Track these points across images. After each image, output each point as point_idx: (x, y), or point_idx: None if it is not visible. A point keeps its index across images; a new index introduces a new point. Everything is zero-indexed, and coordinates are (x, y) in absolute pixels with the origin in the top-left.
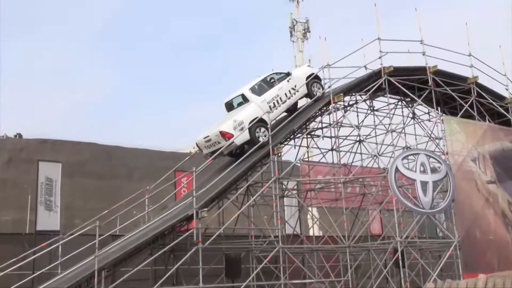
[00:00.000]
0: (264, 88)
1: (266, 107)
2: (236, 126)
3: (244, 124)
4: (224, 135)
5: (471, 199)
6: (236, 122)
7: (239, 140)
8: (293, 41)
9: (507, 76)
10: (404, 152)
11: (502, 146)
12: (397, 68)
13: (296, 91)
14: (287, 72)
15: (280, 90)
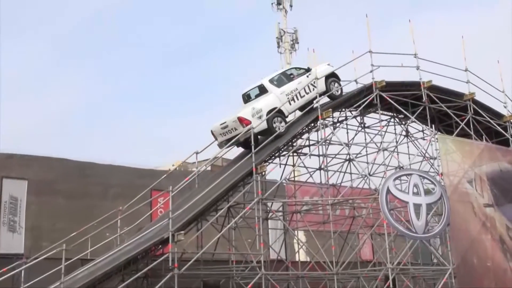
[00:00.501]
0: (283, 81)
1: (284, 99)
2: (254, 113)
3: (262, 113)
4: (242, 121)
5: (467, 223)
6: (254, 110)
7: (256, 127)
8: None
9: (505, 93)
10: (396, 172)
11: (500, 167)
12: (389, 82)
13: (314, 87)
14: (307, 67)
15: (299, 85)
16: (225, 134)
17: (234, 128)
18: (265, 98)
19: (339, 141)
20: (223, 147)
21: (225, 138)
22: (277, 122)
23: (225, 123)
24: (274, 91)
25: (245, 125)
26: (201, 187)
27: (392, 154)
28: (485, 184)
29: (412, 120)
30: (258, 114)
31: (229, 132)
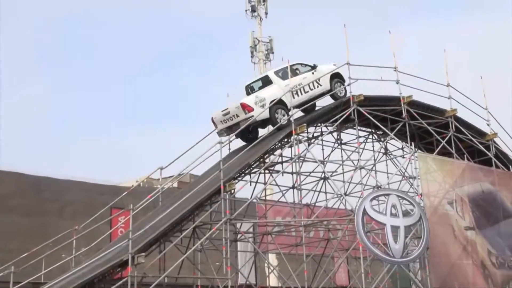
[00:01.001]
0: (288, 74)
1: (288, 93)
2: (257, 101)
3: (265, 102)
4: (244, 107)
5: (448, 247)
6: (258, 98)
7: (257, 113)
8: (254, 62)
9: (488, 110)
10: (374, 192)
11: (482, 188)
12: (368, 97)
13: (319, 84)
14: (313, 65)
15: (304, 80)
16: (226, 121)
17: (236, 115)
18: (269, 88)
19: (314, 158)
20: (222, 135)
21: (226, 125)
22: (280, 114)
23: (227, 109)
24: (278, 83)
25: (247, 112)
26: (165, 205)
27: (369, 173)
28: (466, 206)
29: (391, 137)
30: (261, 103)
31: (230, 119)
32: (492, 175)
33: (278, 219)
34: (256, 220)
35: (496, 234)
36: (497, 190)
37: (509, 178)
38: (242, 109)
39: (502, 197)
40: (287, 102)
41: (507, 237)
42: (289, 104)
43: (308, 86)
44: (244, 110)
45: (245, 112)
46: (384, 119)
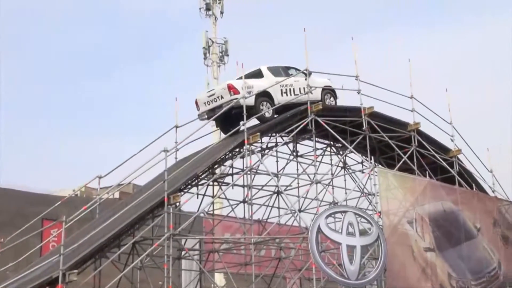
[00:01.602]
0: (280, 73)
1: (277, 88)
2: (244, 87)
3: (253, 89)
4: (230, 89)
5: (406, 269)
6: (246, 84)
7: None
8: (207, 65)
9: (453, 125)
10: (330, 208)
11: (444, 207)
12: (326, 107)
13: (310, 92)
14: (307, 72)
15: (295, 82)
16: (210, 102)
17: (220, 96)
18: (259, 80)
19: (267, 171)
20: (202, 118)
21: (209, 107)
22: (265, 106)
23: (212, 90)
24: (269, 78)
25: (232, 94)
26: (102, 217)
27: (326, 188)
28: (427, 226)
29: (350, 150)
30: (248, 89)
31: (214, 100)
32: (455, 194)
33: (227, 236)
34: (202, 236)
35: (457, 257)
36: (459, 210)
37: (472, 197)
38: (228, 90)
39: (465, 217)
40: (275, 98)
41: (469, 260)
42: (276, 100)
43: (299, 89)
44: (229, 91)
45: (231, 93)
46: (344, 131)
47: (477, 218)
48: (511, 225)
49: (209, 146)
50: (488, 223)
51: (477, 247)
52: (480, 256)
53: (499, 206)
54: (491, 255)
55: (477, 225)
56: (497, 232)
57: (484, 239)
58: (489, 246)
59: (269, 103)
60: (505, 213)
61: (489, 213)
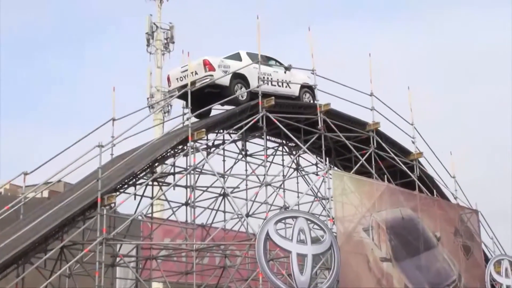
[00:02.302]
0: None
1: (255, 75)
2: (221, 65)
3: (229, 69)
4: (206, 64)
5: (361, 280)
6: (223, 63)
7: (217, 76)
8: (151, 52)
9: (415, 126)
10: (279, 213)
11: (402, 214)
12: (279, 102)
13: (288, 86)
14: (288, 65)
15: (274, 73)
16: (182, 78)
17: (194, 72)
18: (236, 62)
19: (213, 171)
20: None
21: (181, 83)
22: (239, 88)
23: (187, 66)
24: (247, 62)
25: (207, 70)
26: (27, 219)
27: (277, 191)
28: (384, 234)
29: (304, 151)
30: (225, 69)
31: (187, 76)
32: (415, 200)
33: (167, 241)
34: (139, 241)
35: (416, 267)
36: (419, 217)
37: (432, 204)
38: (203, 66)
39: (424, 225)
40: (251, 83)
41: (427, 271)
42: (251, 86)
43: (277, 81)
44: (204, 67)
45: (205, 69)
46: (298, 129)
47: (437, 227)
48: (473, 235)
49: (149, 142)
50: (448, 232)
51: (437, 258)
52: (439, 267)
53: (461, 214)
54: (451, 266)
55: (437, 234)
56: (458, 242)
57: (444, 249)
58: (449, 256)
59: (245, 87)
60: (467, 222)
61: (450, 222)
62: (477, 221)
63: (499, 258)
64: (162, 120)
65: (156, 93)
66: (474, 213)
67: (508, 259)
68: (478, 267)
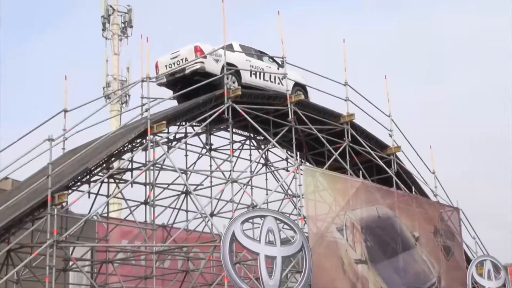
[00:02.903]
0: (252, 55)
1: (247, 66)
2: (213, 53)
3: (221, 59)
4: (197, 51)
5: (334, 284)
6: (214, 51)
7: (208, 65)
8: (107, 37)
9: (392, 118)
10: (247, 212)
11: (379, 212)
12: (246, 92)
13: (281, 83)
14: (281, 62)
15: (267, 68)
16: (171, 65)
17: (185, 58)
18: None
19: (174, 166)
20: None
21: (170, 70)
22: (230, 80)
23: (177, 51)
24: (239, 54)
25: (198, 56)
26: None
27: (244, 188)
28: (359, 234)
29: (273, 144)
30: (216, 57)
31: (177, 63)
32: (392, 198)
33: (124, 243)
34: (94, 243)
35: (393, 270)
36: (396, 216)
37: (411, 202)
38: (194, 52)
39: (402, 224)
40: (242, 76)
41: (405, 274)
42: (243, 78)
43: (269, 76)
44: (195, 53)
45: (196, 55)
46: (266, 122)
47: (416, 226)
48: (453, 235)
49: (104, 135)
50: (428, 231)
51: (415, 259)
52: (418, 269)
53: (441, 212)
54: (430, 268)
55: (415, 233)
56: (438, 242)
57: (423, 250)
58: (429, 258)
59: (236, 79)
60: (447, 221)
61: (429, 220)
62: (458, 220)
63: (482, 259)
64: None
65: (113, 82)
66: (455, 211)
67: (491, 260)
68: (459, 268)
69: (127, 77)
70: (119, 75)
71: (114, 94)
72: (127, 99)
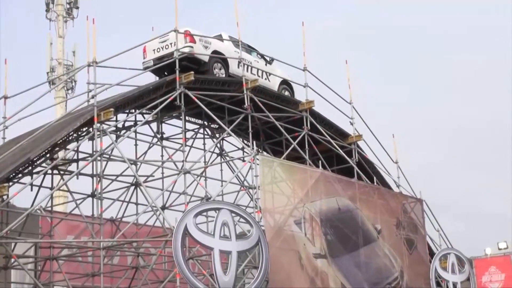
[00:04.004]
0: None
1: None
2: (202, 39)
3: (210, 46)
4: (186, 36)
5: (292, 280)
6: (204, 39)
7: (197, 50)
8: (51, 19)
9: (353, 105)
10: (200, 205)
11: (339, 204)
12: (200, 78)
13: (268, 79)
14: (269, 58)
15: (255, 62)
16: (159, 50)
17: (173, 43)
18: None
19: (123, 157)
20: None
21: (158, 55)
22: (217, 68)
23: (166, 37)
24: (229, 44)
25: (188, 41)
26: None
27: (197, 180)
28: (318, 227)
29: (228, 133)
30: (205, 44)
31: (166, 47)
32: (353, 189)
33: (70, 239)
34: (38, 239)
35: (354, 264)
36: (357, 208)
37: (372, 193)
38: (183, 37)
39: (363, 217)
40: (230, 66)
41: (367, 268)
42: (230, 69)
43: (257, 71)
44: (185, 38)
45: (186, 40)
46: (221, 109)
47: (378, 218)
48: (416, 227)
49: (48, 123)
50: (390, 224)
51: (377, 253)
52: (380, 263)
53: (403, 204)
54: (392, 262)
55: (377, 226)
56: (400, 235)
57: (385, 243)
58: (391, 251)
59: (223, 68)
60: (410, 212)
61: (392, 212)
62: (421, 212)
63: (445, 252)
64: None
65: (57, 66)
66: (418, 202)
67: (455, 253)
68: (422, 262)
69: (73, 62)
70: (64, 60)
71: (59, 79)
72: (73, 85)
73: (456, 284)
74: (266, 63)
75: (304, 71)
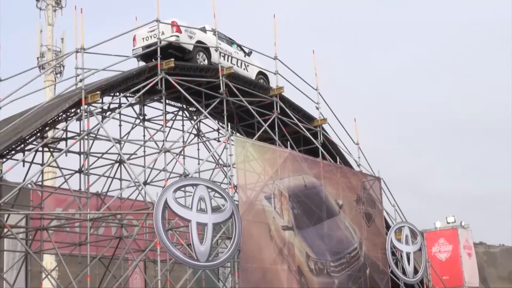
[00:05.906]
0: (222, 39)
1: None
2: (188, 30)
3: (194, 36)
4: (173, 26)
5: (262, 250)
6: (189, 29)
7: (183, 39)
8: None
9: (319, 91)
10: (179, 181)
11: (305, 181)
12: (180, 64)
13: (246, 69)
14: (248, 51)
15: (235, 53)
16: (148, 38)
17: (162, 32)
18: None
19: (108, 136)
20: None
21: (146, 43)
22: (201, 56)
23: (154, 27)
24: (211, 35)
25: (174, 31)
26: None
27: (176, 158)
28: (286, 202)
29: (205, 116)
30: (191, 34)
31: (154, 36)
32: (318, 167)
33: (59, 211)
34: (29, 211)
35: (317, 236)
36: (321, 185)
37: (335, 171)
38: (171, 27)
39: (327, 193)
40: (212, 56)
41: (329, 240)
42: (212, 58)
43: (236, 61)
44: (172, 28)
45: (172, 30)
46: (199, 93)
47: (340, 194)
48: (374, 202)
49: (39, 104)
50: (351, 199)
51: (339, 226)
52: (341, 235)
53: (363, 182)
54: (352, 234)
55: (339, 201)
56: (360, 210)
57: (346, 217)
58: (351, 224)
59: (206, 57)
60: (369, 189)
61: (352, 189)
62: (379, 189)
63: (400, 225)
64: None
65: (47, 52)
66: (376, 180)
67: (408, 226)
68: (379, 234)
69: (61, 48)
70: (53, 46)
71: (48, 64)
72: (62, 69)
73: (409, 254)
74: (245, 55)
75: (275, 60)
